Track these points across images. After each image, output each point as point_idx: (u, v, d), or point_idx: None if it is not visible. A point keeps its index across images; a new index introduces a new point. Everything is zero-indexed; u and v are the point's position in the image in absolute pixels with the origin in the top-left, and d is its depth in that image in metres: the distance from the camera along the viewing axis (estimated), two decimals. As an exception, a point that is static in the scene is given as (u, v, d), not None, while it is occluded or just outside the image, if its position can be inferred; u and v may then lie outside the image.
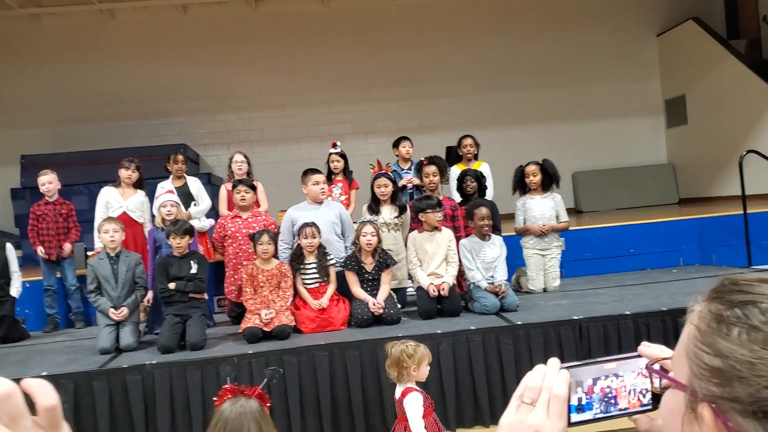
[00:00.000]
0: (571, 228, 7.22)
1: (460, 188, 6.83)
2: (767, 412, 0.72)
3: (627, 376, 1.04)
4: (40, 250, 6.74)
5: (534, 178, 6.72)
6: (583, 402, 1.00)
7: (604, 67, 12.36)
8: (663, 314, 5.12)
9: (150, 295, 5.99)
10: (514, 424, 0.91)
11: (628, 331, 5.08)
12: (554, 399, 0.91)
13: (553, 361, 0.95)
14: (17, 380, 0.67)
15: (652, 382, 0.96)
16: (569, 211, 10.07)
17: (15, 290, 6.39)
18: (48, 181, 6.85)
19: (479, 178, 6.80)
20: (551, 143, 11.40)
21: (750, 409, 0.73)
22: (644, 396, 1.06)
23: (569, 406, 0.96)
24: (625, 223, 8.16)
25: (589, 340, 5.07)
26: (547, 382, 0.92)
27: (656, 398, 1.00)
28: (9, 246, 6.46)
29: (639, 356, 1.04)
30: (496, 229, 6.60)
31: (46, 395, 0.68)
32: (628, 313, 5.13)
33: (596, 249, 7.64)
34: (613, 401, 1.03)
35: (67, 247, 6.82)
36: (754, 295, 0.78)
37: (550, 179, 6.77)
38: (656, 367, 0.96)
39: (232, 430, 2.28)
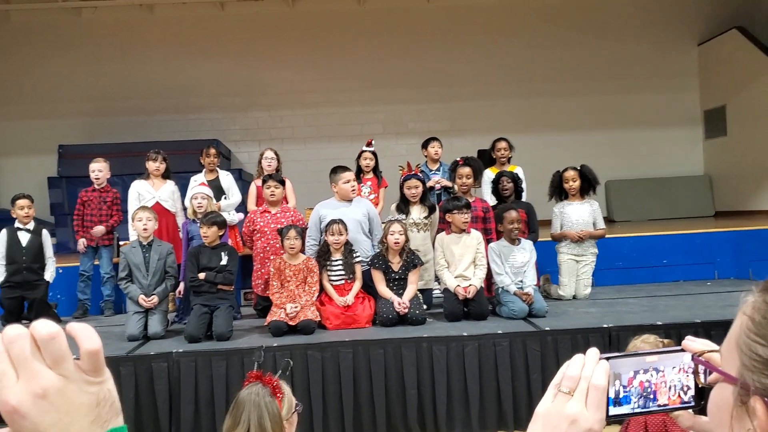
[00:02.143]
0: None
1: (496, 190, 6.76)
2: None
3: (668, 371, 1.00)
4: (82, 243, 6.86)
5: (573, 183, 6.63)
6: (621, 395, 0.97)
7: (642, 76, 12.19)
8: (696, 326, 5.00)
9: (182, 286, 6.09)
10: (551, 412, 0.89)
11: (659, 342, 4.98)
12: (593, 389, 0.88)
13: (593, 351, 0.93)
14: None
15: (697, 376, 0.93)
16: (601, 219, 9.98)
17: (49, 275, 6.50)
18: (98, 169, 7.03)
19: (516, 179, 6.72)
20: (585, 151, 11.24)
21: None
22: (685, 393, 1.02)
23: (607, 399, 0.93)
24: (658, 233, 8.04)
25: (618, 349, 4.97)
26: (586, 371, 0.90)
27: (699, 395, 0.97)
28: (45, 232, 6.58)
29: (682, 351, 1.00)
30: (533, 232, 6.55)
31: (90, 339, 0.69)
32: (660, 323, 5.04)
33: (628, 258, 7.53)
34: (652, 396, 1.00)
35: (98, 228, 6.86)
36: None
37: (588, 185, 6.69)
38: (704, 360, 0.93)
39: (236, 411, 2.33)
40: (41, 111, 11.56)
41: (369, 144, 7.10)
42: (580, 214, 6.63)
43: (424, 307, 5.83)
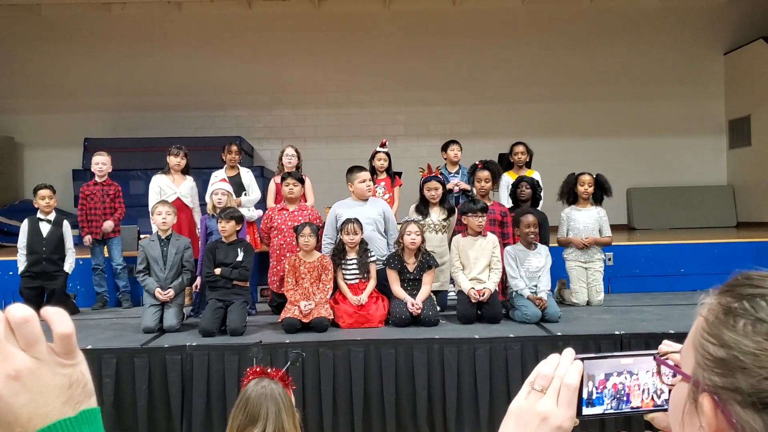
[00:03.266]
0: (620, 243, 7.09)
1: (514, 194, 6.75)
2: (767, 404, 0.71)
3: (641, 374, 1.03)
4: (88, 238, 6.94)
5: (589, 188, 6.61)
6: (594, 396, 1.00)
7: (666, 83, 12.09)
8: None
9: (198, 280, 6.15)
10: (523, 409, 0.92)
11: (671, 351, 4.96)
12: (565, 388, 0.91)
13: (568, 351, 0.95)
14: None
15: (660, 376, 0.95)
16: (621, 227, 9.94)
17: (68, 266, 6.59)
18: (102, 162, 7.09)
19: (535, 186, 6.70)
20: (607, 157, 11.21)
21: (750, 400, 0.72)
22: (658, 396, 1.04)
23: (581, 399, 0.95)
24: (676, 241, 7.97)
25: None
26: (559, 370, 0.92)
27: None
28: (66, 223, 6.68)
29: (657, 355, 1.03)
30: (543, 241, 6.54)
31: (62, 323, 0.70)
32: (672, 332, 4.99)
33: (645, 266, 7.48)
34: (625, 398, 1.02)
35: (108, 224, 6.95)
36: (764, 289, 0.77)
37: (601, 193, 6.67)
38: (665, 359, 0.95)
39: (251, 409, 2.33)
40: (68, 104, 11.75)
41: (383, 145, 7.12)
42: (586, 221, 6.61)
43: (438, 308, 5.85)
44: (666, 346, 1.03)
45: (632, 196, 11.99)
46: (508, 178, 7.25)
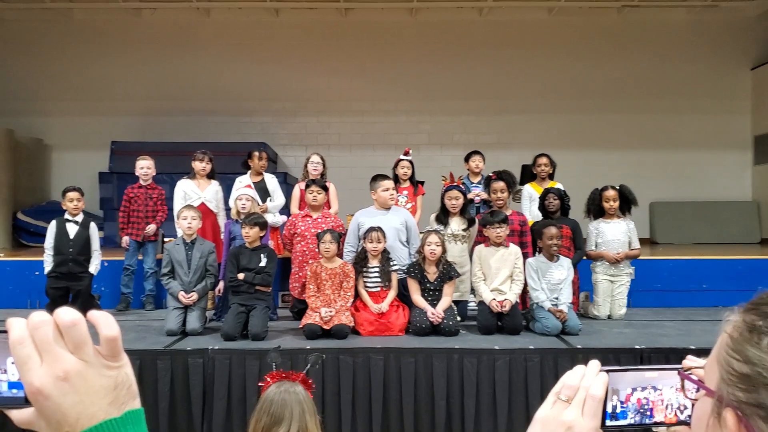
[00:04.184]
0: (642, 257, 7.05)
1: (542, 206, 6.74)
2: None
3: (665, 390, 1.05)
4: (126, 240, 7.07)
5: (614, 203, 6.58)
6: (618, 410, 1.02)
7: (692, 97, 12.01)
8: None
9: (221, 284, 6.21)
10: (549, 418, 0.94)
11: (692, 367, 4.93)
12: (590, 398, 0.93)
13: (594, 363, 0.98)
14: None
15: (684, 391, 0.97)
16: (644, 241, 9.84)
17: (94, 267, 6.67)
18: (147, 166, 7.24)
19: (563, 196, 6.68)
20: (630, 170, 11.14)
21: None
22: (681, 412, 1.06)
23: (605, 412, 0.98)
24: (699, 257, 7.90)
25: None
26: (585, 381, 0.95)
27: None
28: (93, 225, 6.77)
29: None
30: (578, 249, 6.54)
31: (109, 326, 0.74)
32: (693, 347, 4.97)
33: (667, 281, 7.42)
34: (648, 413, 1.05)
35: (151, 227, 7.10)
36: None
37: (627, 204, 6.64)
38: (689, 374, 0.97)
39: (275, 411, 2.36)
40: (96, 108, 11.91)
41: (406, 153, 7.16)
42: (615, 233, 6.58)
43: (458, 318, 5.86)
44: (690, 360, 1.05)
45: (655, 209, 11.91)
46: (531, 190, 7.25)
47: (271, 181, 7.24)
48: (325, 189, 6.50)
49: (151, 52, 11.94)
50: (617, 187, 6.64)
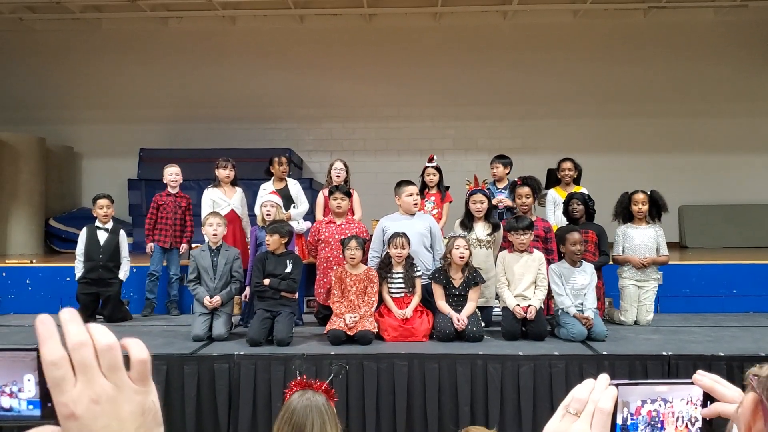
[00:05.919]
0: (671, 262, 6.95)
1: (567, 212, 6.69)
2: None
3: (676, 402, 1.05)
4: (150, 247, 7.17)
5: (643, 207, 6.50)
6: (628, 423, 1.02)
7: (720, 100, 11.85)
8: (761, 359, 4.85)
9: (247, 290, 6.27)
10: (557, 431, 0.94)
11: (720, 374, 4.84)
12: (599, 412, 0.93)
13: (603, 377, 0.98)
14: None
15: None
16: (673, 245, 9.73)
17: (123, 273, 6.80)
18: (176, 173, 7.35)
19: (586, 201, 6.63)
20: (658, 173, 11.03)
21: None
22: (692, 425, 1.06)
23: (615, 424, 0.98)
24: (729, 261, 7.78)
25: (677, 378, 4.88)
26: (594, 395, 0.95)
27: (706, 428, 1.01)
28: (122, 232, 6.90)
29: (692, 383, 1.05)
30: (603, 254, 6.48)
31: (140, 349, 0.76)
32: (722, 354, 4.91)
33: (696, 286, 7.32)
34: (659, 426, 1.04)
35: (184, 247, 7.29)
36: None
37: (657, 210, 6.55)
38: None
39: (297, 420, 2.37)
40: (125, 115, 12.11)
41: (430, 159, 7.15)
42: (642, 238, 6.50)
43: (483, 324, 5.84)
44: (700, 376, 1.04)
45: (684, 213, 11.76)
46: (555, 195, 7.20)
47: (294, 187, 7.27)
48: (349, 195, 6.52)
49: (178, 60, 12.11)
50: (647, 192, 6.57)
